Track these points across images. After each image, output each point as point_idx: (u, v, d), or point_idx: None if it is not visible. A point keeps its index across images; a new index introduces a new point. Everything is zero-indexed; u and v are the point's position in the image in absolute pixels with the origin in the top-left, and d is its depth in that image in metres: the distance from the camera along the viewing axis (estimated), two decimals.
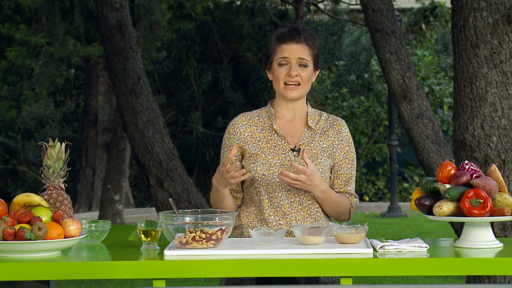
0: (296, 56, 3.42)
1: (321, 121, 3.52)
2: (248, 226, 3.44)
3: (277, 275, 2.91)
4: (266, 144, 3.46)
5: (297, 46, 3.43)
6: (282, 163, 3.42)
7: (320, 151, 3.45)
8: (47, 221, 3.10)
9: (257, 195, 3.43)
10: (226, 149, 3.51)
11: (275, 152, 3.44)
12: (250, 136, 3.48)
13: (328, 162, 3.46)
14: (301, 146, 3.44)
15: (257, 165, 3.42)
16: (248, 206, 3.48)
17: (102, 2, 7.44)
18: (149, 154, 7.26)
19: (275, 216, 3.41)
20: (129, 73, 7.34)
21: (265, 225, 3.40)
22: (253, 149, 3.45)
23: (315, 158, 3.43)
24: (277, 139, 3.47)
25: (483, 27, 4.66)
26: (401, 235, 10.71)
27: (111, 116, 13.14)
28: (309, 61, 3.44)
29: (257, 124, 3.51)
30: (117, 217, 11.76)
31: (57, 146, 3.22)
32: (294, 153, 3.43)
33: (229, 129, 3.52)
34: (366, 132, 14.98)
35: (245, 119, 3.52)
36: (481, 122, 4.69)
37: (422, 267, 2.93)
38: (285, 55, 3.43)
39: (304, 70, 3.44)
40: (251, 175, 3.41)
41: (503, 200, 3.15)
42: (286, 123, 3.50)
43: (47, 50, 11.85)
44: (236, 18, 14.11)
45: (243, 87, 14.55)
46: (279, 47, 3.45)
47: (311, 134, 3.48)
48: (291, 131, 3.49)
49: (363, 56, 15.55)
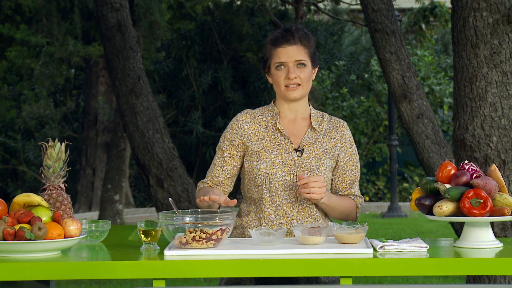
0: (293, 59, 3.41)
1: (324, 122, 3.52)
2: (248, 225, 3.45)
3: (277, 275, 2.91)
4: (270, 143, 3.46)
5: (292, 48, 3.42)
6: (285, 162, 3.42)
7: (323, 152, 3.46)
8: (47, 221, 3.10)
9: (259, 194, 3.43)
10: (227, 143, 3.50)
11: (278, 151, 3.44)
12: (253, 134, 3.48)
13: (330, 164, 3.46)
14: (304, 146, 3.45)
15: (260, 163, 3.42)
16: (248, 205, 3.48)
17: (102, 2, 7.44)
18: (149, 154, 7.26)
19: (275, 215, 3.41)
20: (129, 73, 7.34)
21: (265, 223, 3.40)
22: (256, 147, 3.46)
23: (318, 159, 3.43)
24: (280, 139, 3.47)
25: (483, 27, 4.66)
26: (401, 235, 10.71)
27: (111, 116, 13.14)
28: (306, 60, 3.43)
29: (260, 122, 3.51)
30: (117, 217, 11.76)
31: (57, 146, 3.22)
32: (298, 153, 3.44)
33: (233, 124, 3.51)
34: (366, 132, 14.98)
35: (249, 116, 3.52)
36: (481, 122, 4.69)
37: (422, 267, 2.93)
38: (281, 60, 3.42)
39: (302, 70, 3.43)
40: (252, 176, 3.41)
41: (503, 200, 3.15)
42: (289, 123, 3.51)
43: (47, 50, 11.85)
44: (236, 18, 14.11)
45: (243, 87, 14.55)
46: (274, 51, 3.44)
47: (314, 135, 3.48)
48: (294, 131, 3.49)
49: (363, 56, 15.54)
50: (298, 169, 3.41)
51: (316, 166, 3.42)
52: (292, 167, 3.41)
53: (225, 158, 3.50)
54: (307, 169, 3.41)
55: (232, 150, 3.49)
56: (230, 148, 3.49)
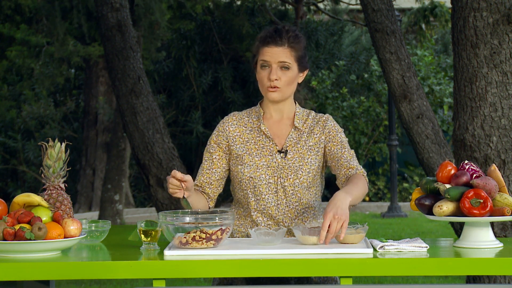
0: (276, 60, 3.36)
1: (309, 120, 3.49)
2: (238, 227, 3.45)
3: (277, 275, 2.91)
4: (254, 146, 3.44)
5: (278, 49, 3.37)
6: (269, 165, 3.40)
7: (306, 150, 3.43)
8: (47, 221, 3.10)
9: (244, 197, 3.42)
10: (214, 145, 3.47)
11: (262, 153, 3.42)
12: (238, 136, 3.47)
13: (316, 161, 3.43)
14: (288, 147, 3.43)
15: (244, 167, 3.41)
16: (238, 208, 3.49)
17: (102, 2, 7.44)
18: (149, 154, 7.26)
19: (262, 218, 3.41)
20: (129, 73, 7.34)
21: (255, 226, 3.40)
22: (240, 150, 3.44)
23: (301, 158, 3.41)
24: (264, 140, 3.44)
25: (483, 27, 4.66)
26: (401, 235, 10.71)
27: (111, 116, 13.14)
28: (291, 63, 3.38)
29: (246, 124, 3.49)
30: (117, 217, 11.76)
31: (57, 146, 3.22)
32: (281, 154, 3.42)
33: (219, 127, 3.50)
34: (366, 132, 14.98)
35: (235, 118, 3.50)
36: (481, 122, 4.69)
37: (422, 267, 2.93)
38: (266, 59, 3.38)
39: (285, 72, 3.38)
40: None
41: (503, 200, 3.15)
42: (274, 124, 3.48)
43: (47, 50, 11.85)
44: (236, 18, 14.11)
45: (243, 87, 14.55)
46: (261, 49, 3.40)
47: (298, 134, 3.46)
48: (278, 132, 3.47)
49: (363, 56, 15.54)
50: (282, 171, 3.39)
51: (299, 166, 3.39)
52: (276, 169, 3.39)
53: (213, 160, 3.47)
54: (290, 170, 3.39)
55: (220, 152, 3.47)
56: (218, 150, 3.47)
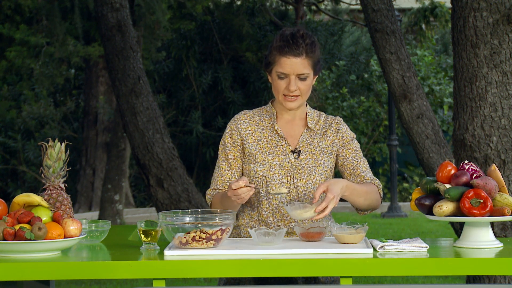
0: (296, 72, 3.35)
1: (320, 121, 3.50)
2: (245, 227, 3.44)
3: (277, 275, 2.91)
4: (267, 145, 3.44)
5: (297, 60, 3.34)
6: (282, 164, 3.40)
7: (320, 152, 3.44)
8: (47, 221, 3.10)
9: (256, 196, 3.41)
10: (229, 145, 3.47)
11: (275, 153, 3.42)
12: (250, 135, 3.46)
13: (329, 163, 3.44)
14: (301, 147, 3.43)
15: (257, 166, 3.41)
16: (244, 206, 3.46)
17: (102, 2, 7.44)
18: (149, 154, 7.26)
19: (273, 218, 3.39)
20: (129, 73, 7.34)
21: (264, 226, 3.39)
22: (252, 149, 3.44)
23: (315, 160, 3.42)
24: (277, 140, 3.45)
25: (483, 27, 4.66)
26: (401, 235, 10.71)
27: (111, 116, 13.14)
28: (309, 73, 3.37)
29: (258, 123, 3.49)
30: (117, 217, 11.76)
31: (57, 146, 3.22)
32: (294, 155, 3.42)
33: (231, 125, 3.49)
34: (366, 132, 14.98)
35: (247, 117, 3.50)
36: (481, 122, 4.69)
37: (422, 267, 2.93)
38: (284, 71, 3.36)
39: (303, 82, 3.38)
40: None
41: (503, 200, 3.15)
42: (287, 124, 3.48)
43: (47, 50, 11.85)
44: (236, 18, 14.11)
45: (243, 87, 14.55)
46: (278, 59, 3.36)
47: (310, 135, 3.47)
48: (291, 132, 3.47)
49: (363, 56, 15.54)
50: (295, 171, 3.39)
51: (313, 167, 3.40)
52: (289, 169, 3.39)
53: (230, 161, 3.46)
54: (304, 171, 3.39)
55: (235, 152, 3.46)
56: (233, 149, 3.46)
